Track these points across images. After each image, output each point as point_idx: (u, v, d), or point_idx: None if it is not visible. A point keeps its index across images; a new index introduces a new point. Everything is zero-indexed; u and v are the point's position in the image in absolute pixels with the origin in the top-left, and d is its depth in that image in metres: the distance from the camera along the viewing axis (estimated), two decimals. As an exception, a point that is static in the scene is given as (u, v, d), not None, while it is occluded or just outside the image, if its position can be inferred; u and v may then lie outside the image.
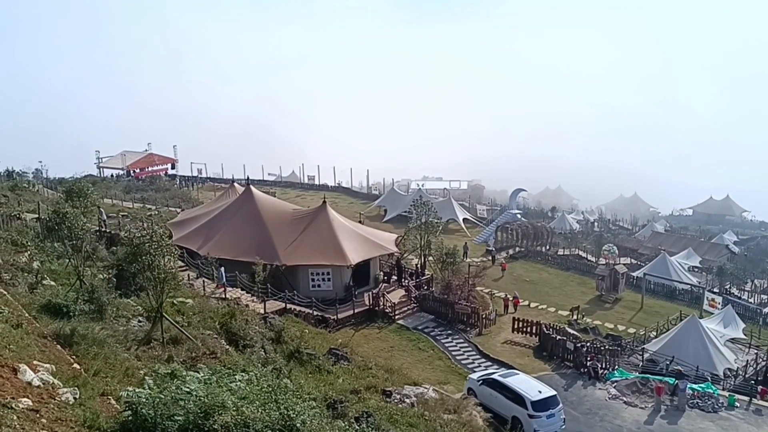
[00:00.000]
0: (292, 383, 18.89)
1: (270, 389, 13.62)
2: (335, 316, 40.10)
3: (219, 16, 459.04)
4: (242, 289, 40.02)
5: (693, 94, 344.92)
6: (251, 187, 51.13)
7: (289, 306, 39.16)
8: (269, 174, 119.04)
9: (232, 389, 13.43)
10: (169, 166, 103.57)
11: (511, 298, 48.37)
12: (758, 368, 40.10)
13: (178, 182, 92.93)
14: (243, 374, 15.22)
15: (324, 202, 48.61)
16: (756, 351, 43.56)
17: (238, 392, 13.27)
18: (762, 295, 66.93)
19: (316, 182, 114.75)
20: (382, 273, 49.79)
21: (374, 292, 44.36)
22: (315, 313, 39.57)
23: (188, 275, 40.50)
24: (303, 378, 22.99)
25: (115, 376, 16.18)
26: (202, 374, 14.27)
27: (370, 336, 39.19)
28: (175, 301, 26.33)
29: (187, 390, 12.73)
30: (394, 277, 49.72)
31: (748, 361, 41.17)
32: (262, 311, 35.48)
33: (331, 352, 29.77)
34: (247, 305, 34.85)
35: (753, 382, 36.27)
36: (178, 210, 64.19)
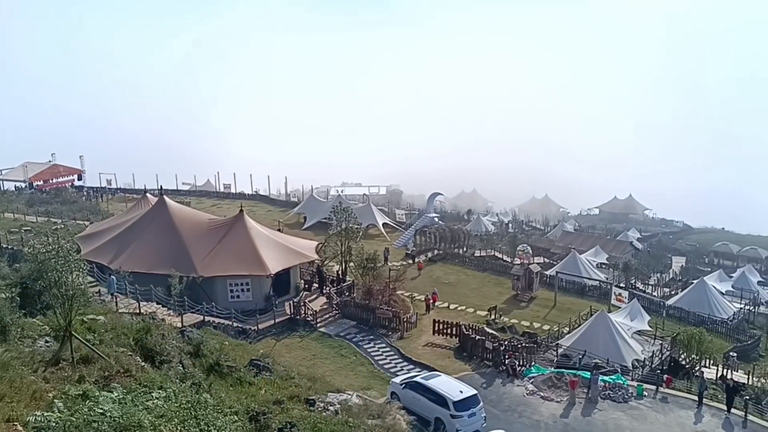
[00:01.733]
0: (213, 397, 18.47)
1: (189, 405, 13.29)
2: (256, 327, 39.51)
3: (127, 19, 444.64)
4: (158, 303, 38.77)
5: (599, 99, 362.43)
6: (165, 197, 49.67)
7: (207, 318, 38.27)
8: (183, 183, 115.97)
9: (149, 407, 13.01)
10: (76, 177, 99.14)
11: (430, 297, 49.75)
12: (663, 358, 42.34)
13: (85, 194, 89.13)
14: (160, 391, 14.78)
15: (241, 210, 47.84)
16: (661, 342, 46.04)
17: (155, 410, 12.87)
18: (664, 289, 70.88)
19: (233, 191, 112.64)
20: (302, 281, 49.47)
21: (295, 300, 44.00)
22: (235, 324, 38.85)
23: (99, 291, 38.87)
24: (224, 391, 22.46)
25: (21, 400, 15.27)
26: (116, 394, 13.76)
27: (292, 345, 38.82)
28: (85, 319, 25.13)
29: (101, 411, 12.24)
30: (315, 285, 49.46)
31: (653, 351, 43.44)
32: (179, 325, 34.47)
33: (253, 363, 29.26)
34: (163, 319, 33.75)
35: (659, 371, 38.27)
36: (87, 223, 61.57)
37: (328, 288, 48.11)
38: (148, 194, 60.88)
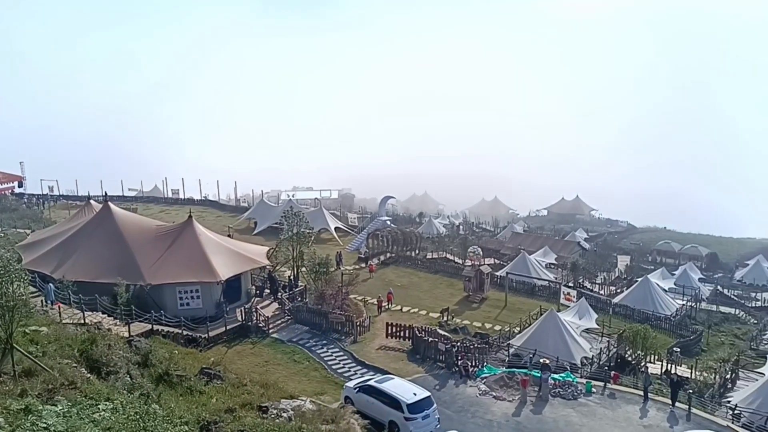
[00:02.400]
0: (162, 408, 18.09)
1: (137, 417, 12.96)
2: (206, 335, 38.86)
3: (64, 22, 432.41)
4: (103, 313, 37.75)
5: (548, 103, 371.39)
6: (110, 203, 48.34)
7: (156, 327, 37.46)
8: (130, 189, 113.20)
9: (96, 420, 12.68)
10: (16, 184, 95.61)
11: (383, 298, 50.56)
12: (610, 355, 43.46)
13: (26, 201, 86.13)
14: (107, 403, 14.41)
15: (190, 216, 47.00)
16: (608, 339, 47.21)
17: (102, 423, 12.55)
18: (611, 287, 72.68)
19: (182, 196, 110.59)
20: (254, 287, 48.92)
21: (247, 306, 43.49)
22: (184, 332, 38.12)
23: (41, 301, 37.61)
24: (173, 401, 22.03)
25: (-42, 418, 14.67)
26: (61, 407, 13.35)
27: (244, 352, 38.34)
28: (27, 330, 24.33)
29: (44, 426, 11.88)
30: (267, 291, 48.99)
31: (601, 349, 44.50)
32: (126, 335, 33.68)
33: (203, 371, 28.80)
34: (109, 329, 32.96)
35: (606, 368, 39.23)
36: (28, 231, 59.53)
37: (280, 293, 47.70)
38: (91, 201, 59.26)
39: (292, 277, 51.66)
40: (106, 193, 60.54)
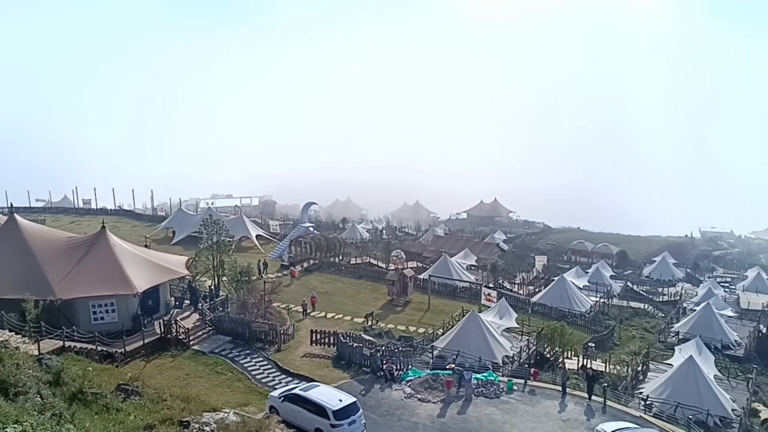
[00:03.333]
0: (76, 428, 17.33)
1: (49, 439, 12.35)
2: (123, 349, 37.41)
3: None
4: (10, 330, 35.64)
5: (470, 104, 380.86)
6: (15, 215, 45.79)
7: (68, 344, 35.71)
8: (37, 200, 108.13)
9: (3, 445, 11.97)
10: None
11: (308, 302, 50.69)
12: (530, 352, 44.83)
13: None
14: (16, 426, 13.66)
15: (103, 227, 45.22)
16: (527, 337, 48.67)
17: (9, 448, 11.86)
18: (529, 287, 74.95)
19: (94, 206, 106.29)
20: (173, 298, 47.56)
21: (166, 319, 42.19)
22: (99, 348, 36.56)
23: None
24: (89, 421, 21.09)
25: None
26: (-37, 434, 12.54)
27: (164, 366, 37.16)
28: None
29: (-55, 454, 11.11)
30: (187, 302, 47.73)
31: (521, 347, 45.86)
32: (36, 352, 31.95)
33: (120, 388, 27.70)
34: (17, 348, 31.15)
35: (527, 365, 40.46)
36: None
37: (200, 304, 46.56)
38: (-5, 213, 56.01)
39: (212, 287, 50.57)
40: (11, 205, 57.20)
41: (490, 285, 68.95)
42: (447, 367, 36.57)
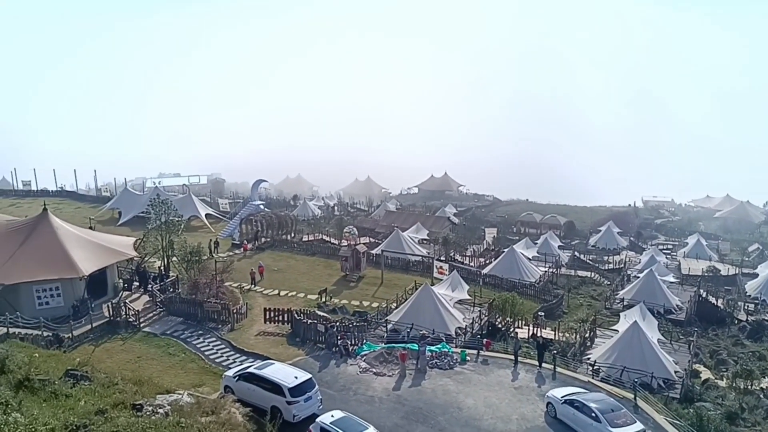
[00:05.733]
0: (24, 416, 16.83)
1: (-6, 429, 11.95)
2: (70, 334, 36.45)
3: None
4: (-51, 319, 34.37)
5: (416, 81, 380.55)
6: (-50, 199, 43.89)
7: (12, 330, 34.63)
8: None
9: (-56, 438, 11.52)
10: None
11: (256, 270, 51.52)
12: (482, 323, 45.61)
13: None
14: (-43, 418, 13.13)
15: (45, 209, 43.73)
16: (479, 309, 49.44)
17: (-48, 440, 11.42)
18: (480, 259, 75.96)
19: (34, 188, 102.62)
20: (121, 280, 46.50)
21: (114, 301, 41.24)
22: (45, 333, 35.53)
23: None
24: (37, 408, 20.50)
25: None
26: None
27: (114, 349, 36.40)
28: None
29: None
30: (136, 283, 46.75)
31: (473, 318, 46.56)
32: (-23, 341, 30.89)
33: (69, 373, 26.99)
34: (-43, 337, 30.05)
35: (479, 336, 41.16)
36: None
37: (150, 285, 45.65)
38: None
39: (162, 268, 49.60)
40: (-56, 188, 54.83)
41: (442, 258, 69.70)
42: (420, 335, 36.95)
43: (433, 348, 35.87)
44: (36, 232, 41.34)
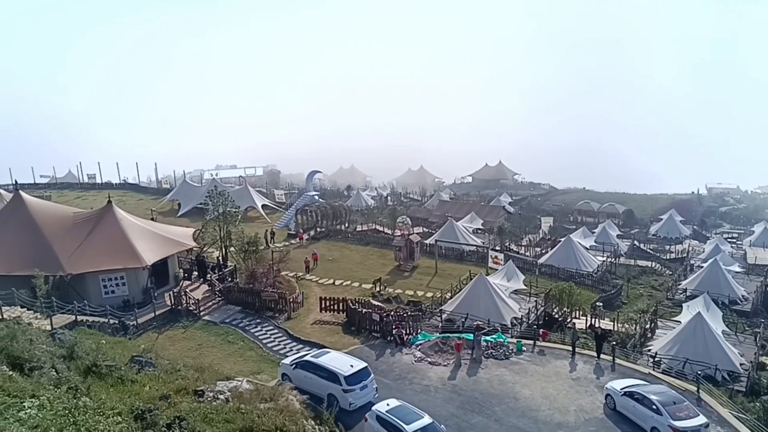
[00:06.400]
0: (92, 400, 17.51)
1: (66, 411, 12.51)
2: (135, 322, 37.78)
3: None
4: (22, 307, 35.99)
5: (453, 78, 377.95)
6: (20, 192, 45.87)
7: (80, 318, 36.09)
8: (42, 176, 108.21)
9: (22, 419, 12.12)
10: None
11: (311, 258, 52.56)
12: (538, 313, 45.05)
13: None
14: (33, 400, 13.79)
15: (109, 201, 45.25)
16: (535, 299, 48.88)
17: (28, 422, 12.01)
18: (536, 248, 75.03)
19: (98, 181, 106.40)
20: (182, 270, 47.81)
21: (175, 291, 42.48)
22: (111, 321, 36.92)
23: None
24: (104, 393, 21.33)
25: None
26: (-18, 409, 12.68)
27: (176, 337, 37.54)
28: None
29: (-36, 430, 11.26)
30: (196, 273, 48.01)
31: (529, 308, 46.07)
32: (48, 328, 32.32)
33: (134, 360, 27.99)
34: (30, 323, 31.46)
35: (535, 326, 40.64)
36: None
37: (209, 275, 46.83)
38: (0, 190, 56.10)
39: (220, 258, 50.77)
40: (16, 182, 57.39)
41: (497, 248, 69.06)
42: (475, 325, 36.76)
43: (488, 338, 35.67)
44: (101, 224, 42.89)
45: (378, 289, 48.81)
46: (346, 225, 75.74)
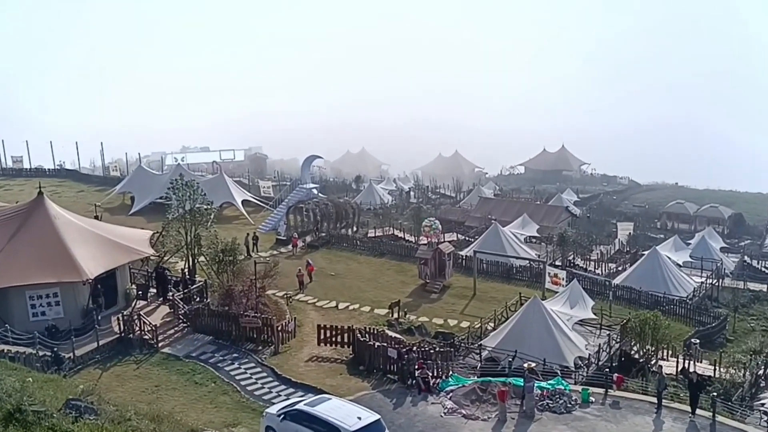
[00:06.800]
0: (14, 458, 17.67)
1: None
2: (72, 354, 38.04)
3: None
4: None
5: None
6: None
7: (0, 347, 36.43)
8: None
9: None
10: None
11: (305, 270, 53.47)
12: (612, 353, 44.72)
13: None
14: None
15: (40, 193, 45.63)
16: (608, 332, 48.46)
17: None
18: (610, 264, 74.52)
19: (27, 166, 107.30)
20: (135, 286, 48.09)
21: (126, 313, 42.73)
22: (41, 352, 37.19)
23: None
24: (30, 448, 21.56)
25: None
26: None
27: (126, 374, 37.78)
28: None
29: None
30: (154, 290, 48.28)
31: (600, 345, 45.69)
32: (-42, 360, 32.66)
33: (70, 404, 28.14)
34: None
35: (607, 369, 40.28)
36: None
37: (171, 293, 47.07)
38: None
39: (186, 271, 50.98)
40: None
41: (557, 263, 68.72)
42: (525, 367, 36.55)
43: (544, 385, 35.49)
44: (29, 223, 43.16)
45: (396, 315, 48.76)
46: (354, 229, 75.82)
